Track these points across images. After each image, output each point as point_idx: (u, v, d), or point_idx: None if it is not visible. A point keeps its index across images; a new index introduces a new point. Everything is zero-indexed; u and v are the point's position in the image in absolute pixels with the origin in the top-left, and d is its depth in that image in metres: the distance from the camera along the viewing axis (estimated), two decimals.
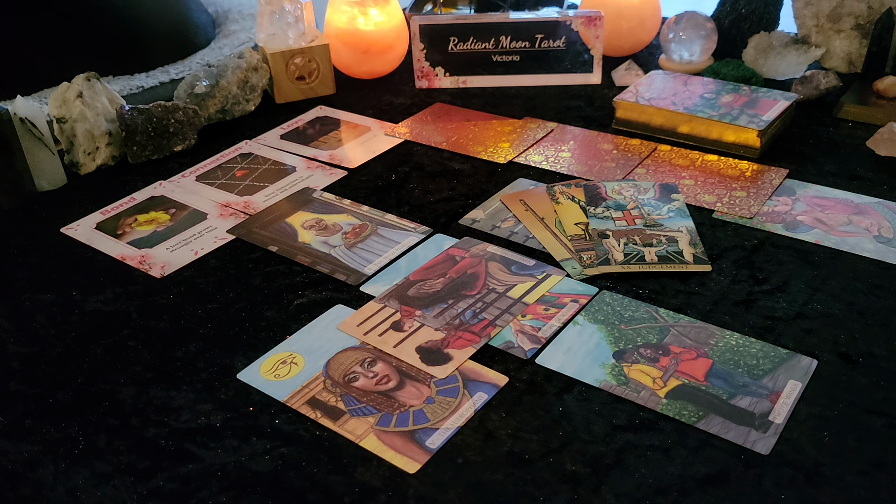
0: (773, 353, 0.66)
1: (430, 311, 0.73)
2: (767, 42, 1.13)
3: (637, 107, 1.02)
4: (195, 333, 0.73)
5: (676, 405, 0.62)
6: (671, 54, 1.17)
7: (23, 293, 0.79)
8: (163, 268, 0.82)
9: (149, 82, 1.21)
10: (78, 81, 0.98)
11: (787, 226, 0.83)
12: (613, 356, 0.67)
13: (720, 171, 0.93)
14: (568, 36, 1.14)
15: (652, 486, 0.56)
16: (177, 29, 1.32)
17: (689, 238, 0.81)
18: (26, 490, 0.58)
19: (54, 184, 0.97)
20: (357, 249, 0.82)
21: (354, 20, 1.17)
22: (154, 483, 0.58)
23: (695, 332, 0.69)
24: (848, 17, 1.12)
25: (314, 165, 0.99)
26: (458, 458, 0.59)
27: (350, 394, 0.64)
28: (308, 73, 1.16)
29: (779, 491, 0.55)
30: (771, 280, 0.75)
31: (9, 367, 0.70)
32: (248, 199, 0.93)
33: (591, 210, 0.85)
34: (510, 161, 0.98)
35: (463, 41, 1.15)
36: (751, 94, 1.02)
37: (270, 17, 1.13)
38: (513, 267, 0.78)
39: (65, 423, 0.64)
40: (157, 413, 0.64)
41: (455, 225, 0.86)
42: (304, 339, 0.71)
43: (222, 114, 1.10)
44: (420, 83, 1.19)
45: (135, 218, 0.90)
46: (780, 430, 0.59)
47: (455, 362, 0.67)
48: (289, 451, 0.60)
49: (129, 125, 0.99)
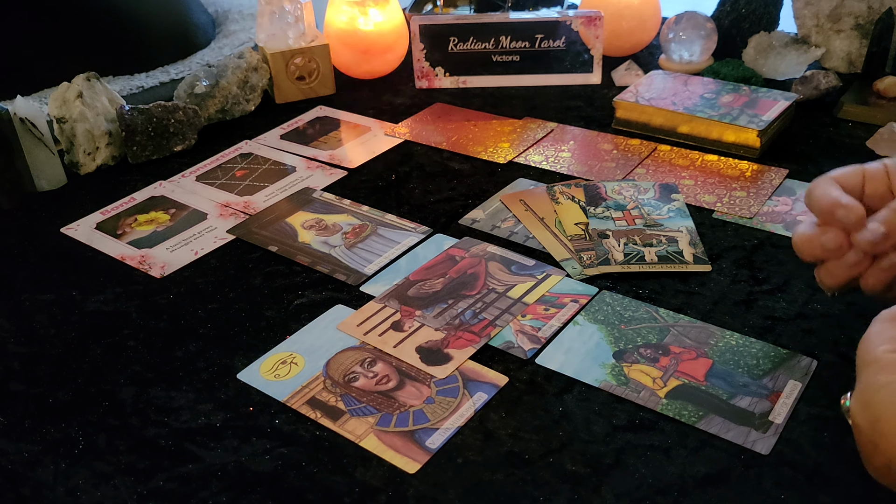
0: (773, 353, 0.66)
1: (430, 311, 0.73)
2: (767, 42, 1.13)
3: (637, 107, 1.02)
4: (195, 333, 0.73)
5: (676, 405, 0.62)
6: (671, 54, 1.17)
7: (23, 293, 0.79)
8: (163, 268, 0.82)
9: (149, 82, 1.21)
10: (78, 81, 0.98)
11: (788, 226, 0.83)
12: (613, 356, 0.67)
13: (720, 171, 0.93)
14: (568, 36, 1.14)
15: (652, 486, 0.56)
16: (177, 29, 1.32)
17: (689, 238, 0.81)
18: (26, 490, 0.58)
19: (54, 184, 0.97)
20: (357, 249, 0.82)
21: (354, 20, 1.17)
22: (154, 483, 0.58)
23: (695, 332, 0.69)
24: (848, 17, 1.12)
25: (314, 165, 0.99)
26: (458, 458, 0.59)
27: (350, 394, 0.64)
28: (308, 73, 1.16)
29: (779, 491, 0.55)
30: (771, 280, 0.75)
31: (9, 367, 0.70)
32: (248, 199, 0.93)
33: (591, 210, 0.85)
34: (510, 161, 0.98)
35: (463, 41, 1.15)
36: (751, 94, 1.02)
37: (270, 17, 1.13)
38: (513, 267, 0.78)
39: (65, 423, 0.64)
40: (157, 413, 0.64)
41: (455, 225, 0.86)
42: (304, 339, 0.71)
43: (222, 114, 1.10)
44: (420, 83, 1.19)
45: (135, 218, 0.90)
46: (780, 430, 0.59)
47: (455, 362, 0.67)
48: (289, 451, 0.60)
49: (129, 125, 0.99)
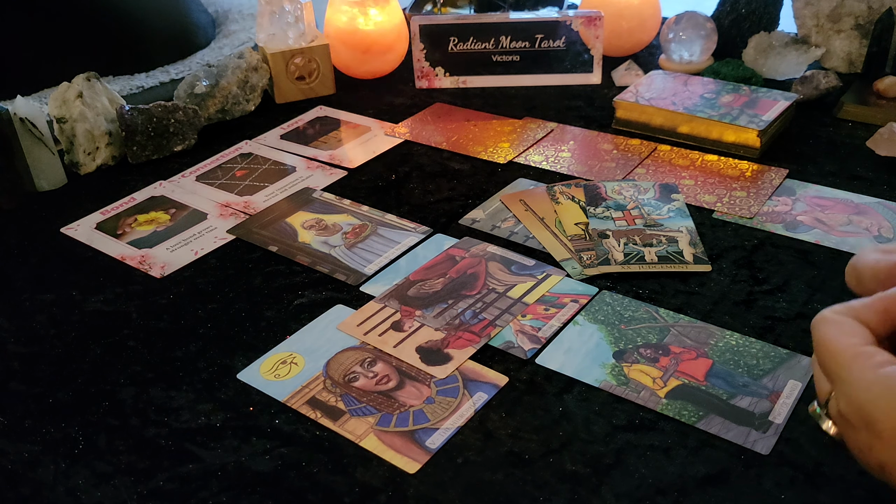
0: (773, 353, 0.66)
1: (430, 311, 0.73)
2: (767, 42, 1.13)
3: (637, 107, 1.02)
4: (195, 333, 0.73)
5: (676, 405, 0.62)
6: (671, 54, 1.17)
7: (23, 293, 0.79)
8: (163, 268, 0.82)
9: (149, 82, 1.21)
10: (78, 81, 0.98)
11: (787, 226, 0.83)
12: (613, 356, 0.67)
13: (720, 171, 0.93)
14: (568, 36, 1.14)
15: (652, 486, 0.56)
16: (177, 29, 1.32)
17: (689, 238, 0.81)
18: (26, 490, 0.58)
19: (54, 184, 0.97)
20: (357, 249, 0.82)
21: (354, 20, 1.17)
22: (154, 483, 0.58)
23: (695, 332, 0.69)
24: (848, 17, 1.12)
25: (314, 165, 0.99)
26: (458, 458, 0.59)
27: (350, 394, 0.64)
28: (308, 73, 1.16)
29: (779, 491, 0.55)
30: (771, 280, 0.75)
31: (9, 367, 0.70)
32: (248, 199, 0.93)
33: (591, 210, 0.85)
34: (510, 161, 0.98)
35: (463, 41, 1.15)
36: (751, 94, 1.02)
37: (270, 17, 1.13)
38: (513, 267, 0.78)
39: (65, 423, 0.64)
40: (157, 413, 0.64)
41: (455, 225, 0.86)
42: (304, 339, 0.71)
43: (222, 114, 1.10)
44: (420, 83, 1.19)
45: (135, 218, 0.90)
46: (780, 430, 0.59)
47: (455, 362, 0.67)
48: (289, 451, 0.60)
49: (129, 125, 0.99)
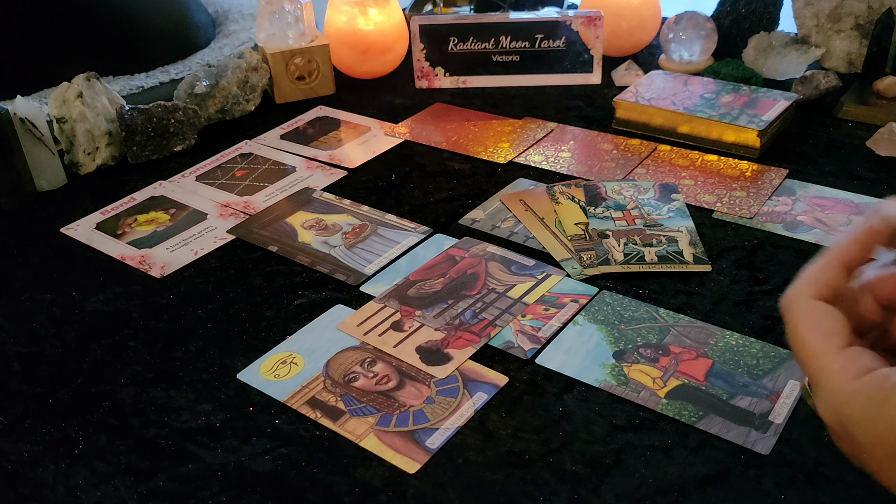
0: (773, 353, 0.66)
1: (430, 311, 0.73)
2: (767, 42, 1.13)
3: (637, 107, 1.02)
4: (195, 333, 0.73)
5: (676, 405, 0.62)
6: (671, 54, 1.17)
7: (23, 293, 0.79)
8: (163, 268, 0.82)
9: (149, 82, 1.21)
10: (78, 81, 0.98)
11: (788, 226, 0.83)
12: (613, 356, 0.67)
13: (720, 171, 0.93)
14: (568, 36, 1.14)
15: (652, 486, 0.56)
16: (177, 29, 1.32)
17: (689, 238, 0.81)
18: (26, 490, 0.58)
19: (54, 184, 0.97)
20: (357, 249, 0.82)
21: (354, 20, 1.17)
22: (154, 483, 0.58)
23: (695, 332, 0.69)
24: (848, 17, 1.12)
25: (314, 165, 0.99)
26: (458, 458, 0.59)
27: (350, 394, 0.64)
28: (308, 73, 1.16)
29: (779, 491, 0.55)
30: (771, 280, 0.75)
31: (9, 367, 0.70)
32: (248, 199, 0.93)
33: (591, 210, 0.85)
34: (510, 161, 0.98)
35: (463, 41, 1.15)
36: (751, 94, 1.02)
37: (270, 17, 1.13)
38: (513, 267, 0.78)
39: (65, 423, 0.64)
40: (157, 413, 0.64)
41: (455, 225, 0.86)
42: (304, 339, 0.71)
43: (222, 114, 1.10)
44: (420, 83, 1.19)
45: (135, 218, 0.90)
46: (780, 430, 0.59)
47: (455, 362, 0.67)
48: (289, 451, 0.60)
49: (129, 125, 0.99)
